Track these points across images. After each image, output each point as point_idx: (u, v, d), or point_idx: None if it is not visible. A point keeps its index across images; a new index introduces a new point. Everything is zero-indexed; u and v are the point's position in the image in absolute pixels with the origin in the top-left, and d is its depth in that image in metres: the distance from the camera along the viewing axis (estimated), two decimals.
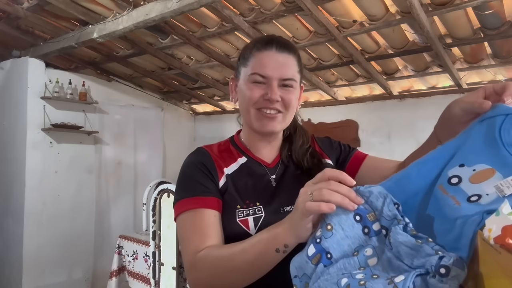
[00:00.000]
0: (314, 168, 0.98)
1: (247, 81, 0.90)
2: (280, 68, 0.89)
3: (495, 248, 0.42)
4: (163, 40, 3.19)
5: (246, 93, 0.90)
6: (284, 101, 0.90)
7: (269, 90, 0.88)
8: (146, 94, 4.44)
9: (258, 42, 0.92)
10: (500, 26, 2.26)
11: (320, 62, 3.16)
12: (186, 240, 0.84)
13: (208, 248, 0.79)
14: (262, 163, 0.97)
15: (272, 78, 0.88)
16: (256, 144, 0.98)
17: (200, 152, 0.95)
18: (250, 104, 0.90)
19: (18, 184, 3.56)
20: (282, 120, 0.92)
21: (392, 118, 3.39)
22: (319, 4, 2.31)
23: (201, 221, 0.83)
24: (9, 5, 2.89)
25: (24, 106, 3.54)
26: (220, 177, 0.91)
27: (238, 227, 0.85)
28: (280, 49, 0.90)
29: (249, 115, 0.91)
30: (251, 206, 0.88)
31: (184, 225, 0.85)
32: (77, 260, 3.80)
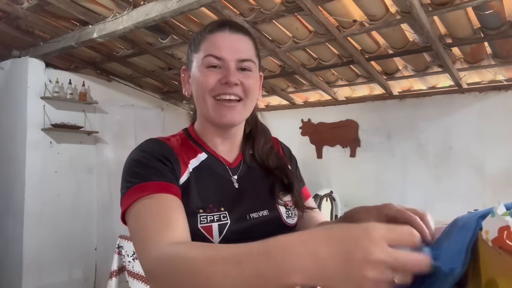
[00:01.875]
0: (279, 169, 0.90)
1: (201, 66, 0.80)
2: (236, 49, 0.80)
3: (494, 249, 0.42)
4: (163, 40, 3.19)
5: (200, 79, 0.79)
6: (244, 85, 0.80)
7: (226, 72, 0.78)
8: (146, 94, 4.44)
9: (210, 25, 0.83)
10: (500, 26, 2.25)
11: (320, 62, 3.15)
12: (141, 234, 0.63)
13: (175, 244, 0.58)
14: (223, 161, 0.86)
15: (228, 60, 0.79)
16: (213, 138, 0.86)
17: (157, 142, 0.80)
18: (206, 91, 0.79)
19: (18, 184, 3.56)
20: (243, 109, 0.82)
21: (392, 118, 3.39)
22: (319, 4, 2.31)
23: (159, 207, 0.66)
24: (9, 5, 2.89)
25: (24, 106, 3.54)
26: (183, 172, 0.77)
27: (200, 234, 0.73)
28: (234, 30, 0.82)
29: (206, 105, 0.80)
30: (215, 211, 0.77)
31: (137, 216, 0.66)
32: (77, 260, 3.80)
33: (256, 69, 0.84)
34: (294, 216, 0.88)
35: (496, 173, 2.84)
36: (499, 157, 2.83)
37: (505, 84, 2.82)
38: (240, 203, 0.81)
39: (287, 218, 0.86)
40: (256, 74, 0.85)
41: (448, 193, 3.04)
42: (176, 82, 4.22)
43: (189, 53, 0.86)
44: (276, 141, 0.99)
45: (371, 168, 3.48)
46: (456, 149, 3.04)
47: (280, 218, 0.85)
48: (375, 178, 3.45)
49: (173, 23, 2.90)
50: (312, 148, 3.79)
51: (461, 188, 2.98)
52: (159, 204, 0.66)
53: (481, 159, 2.90)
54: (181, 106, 4.82)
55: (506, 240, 0.39)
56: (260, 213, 0.83)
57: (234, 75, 0.78)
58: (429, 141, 3.17)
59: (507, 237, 0.39)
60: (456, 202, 2.93)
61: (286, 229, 0.86)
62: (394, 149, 3.36)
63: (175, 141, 0.84)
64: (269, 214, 0.84)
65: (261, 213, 0.83)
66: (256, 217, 0.81)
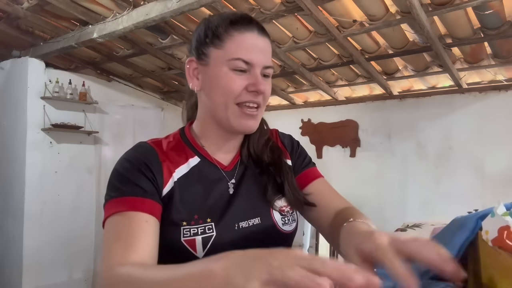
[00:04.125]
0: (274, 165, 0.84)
1: (225, 67, 0.73)
2: (263, 55, 0.75)
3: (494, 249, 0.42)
4: (163, 40, 3.19)
5: (224, 83, 0.73)
6: (265, 93, 0.76)
7: (254, 80, 0.73)
8: (146, 94, 4.44)
9: (236, 20, 0.75)
10: (500, 26, 2.25)
11: (320, 62, 3.15)
12: (106, 250, 0.66)
13: (129, 266, 0.60)
14: (218, 165, 0.81)
15: (256, 66, 0.74)
16: (218, 142, 0.82)
17: (144, 149, 0.77)
18: (231, 97, 0.74)
19: (18, 184, 3.56)
20: (260, 116, 0.79)
21: (392, 118, 3.39)
22: (319, 4, 2.31)
23: (127, 227, 0.66)
24: (9, 5, 2.89)
25: (24, 106, 3.54)
26: (166, 183, 0.74)
27: (183, 248, 0.70)
28: (261, 33, 0.76)
29: (226, 111, 0.75)
30: (200, 223, 0.72)
31: (109, 230, 0.68)
32: (77, 260, 3.80)
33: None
34: (292, 222, 0.82)
35: (496, 173, 2.85)
36: (499, 157, 2.83)
37: (505, 84, 2.82)
38: (229, 211, 0.76)
39: (283, 225, 0.80)
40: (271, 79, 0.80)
41: (448, 193, 3.05)
42: (176, 82, 4.22)
43: (202, 43, 0.78)
44: (274, 132, 0.94)
45: (371, 168, 3.48)
46: (456, 149, 3.04)
47: (275, 226, 0.79)
48: (375, 178, 3.45)
49: (173, 23, 2.90)
50: (312, 148, 3.79)
51: (461, 188, 2.98)
52: (128, 224, 0.67)
53: (481, 159, 2.90)
54: (181, 106, 4.82)
55: (506, 240, 0.39)
56: (250, 222, 0.77)
57: (262, 83, 0.74)
58: (429, 141, 3.18)
59: (507, 237, 0.39)
60: (456, 202, 2.93)
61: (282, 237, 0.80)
62: (394, 149, 3.36)
63: (166, 144, 0.80)
64: (261, 222, 0.78)
65: (252, 221, 0.77)
66: (245, 226, 0.76)
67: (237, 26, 0.74)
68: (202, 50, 0.77)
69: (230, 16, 0.76)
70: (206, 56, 0.76)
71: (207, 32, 0.77)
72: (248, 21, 0.76)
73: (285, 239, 0.81)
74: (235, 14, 0.77)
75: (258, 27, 0.76)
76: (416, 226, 2.07)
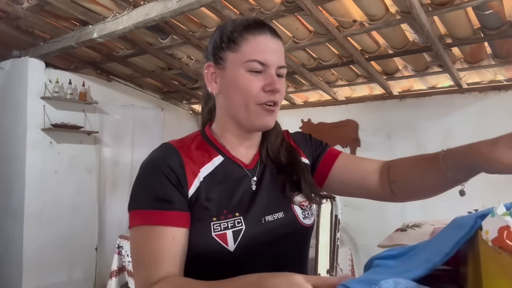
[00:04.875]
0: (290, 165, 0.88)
1: (241, 69, 0.78)
2: (277, 55, 0.80)
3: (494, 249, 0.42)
4: (163, 40, 3.19)
5: (242, 84, 0.78)
6: (281, 92, 0.81)
7: (270, 79, 0.78)
8: (146, 94, 4.44)
9: (249, 24, 0.80)
10: (500, 26, 2.25)
11: (320, 62, 3.15)
12: (137, 264, 0.73)
13: (162, 282, 0.67)
14: (240, 164, 0.84)
15: (271, 66, 0.78)
16: (237, 142, 0.85)
17: (168, 151, 0.80)
18: (250, 98, 0.78)
19: (18, 184, 3.56)
20: (276, 113, 0.84)
21: (392, 118, 3.39)
22: (319, 4, 2.31)
23: (156, 243, 0.71)
24: (9, 5, 2.89)
25: (24, 106, 3.54)
26: (190, 184, 0.77)
27: (214, 243, 0.73)
28: (274, 35, 0.81)
29: (247, 111, 0.79)
30: (230, 217, 0.76)
31: (137, 243, 0.74)
32: (77, 260, 3.80)
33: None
34: (311, 216, 0.87)
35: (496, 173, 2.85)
36: None
37: (505, 84, 2.82)
38: (255, 206, 0.80)
39: (303, 219, 0.84)
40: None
41: (448, 193, 3.03)
42: (176, 82, 4.22)
43: (218, 48, 0.82)
44: (286, 133, 0.98)
45: None
46: None
47: (296, 219, 0.83)
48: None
49: (173, 23, 2.90)
50: None
51: (461, 188, 2.98)
52: (155, 240, 0.71)
53: None
54: (181, 106, 4.82)
55: (506, 240, 0.39)
56: (275, 216, 0.81)
57: (278, 82, 0.78)
58: (429, 141, 3.17)
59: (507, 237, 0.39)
60: (455, 202, 2.92)
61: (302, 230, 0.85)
62: (394, 149, 3.36)
63: (189, 145, 0.83)
64: (285, 216, 0.82)
65: (276, 215, 0.81)
66: (271, 220, 0.80)
67: (251, 30, 0.79)
68: (219, 54, 0.81)
69: (243, 22, 0.82)
70: (223, 60, 0.81)
71: (222, 38, 0.81)
72: (261, 25, 0.81)
73: (305, 232, 0.86)
74: (248, 19, 0.83)
75: (270, 29, 0.81)
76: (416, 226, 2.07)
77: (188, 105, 4.87)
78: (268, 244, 0.78)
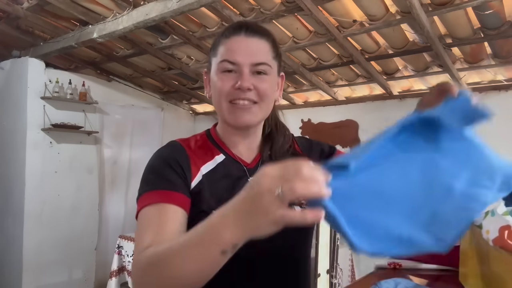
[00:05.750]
0: None
1: (217, 71, 0.82)
2: (250, 53, 0.80)
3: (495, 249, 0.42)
4: (163, 40, 3.19)
5: (217, 84, 0.82)
6: (258, 90, 0.80)
7: (239, 78, 0.79)
8: (146, 94, 4.44)
9: (227, 29, 0.85)
10: (500, 26, 2.25)
11: (320, 62, 3.15)
12: (137, 238, 0.72)
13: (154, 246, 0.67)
14: (241, 162, 0.88)
15: (242, 64, 0.80)
16: (232, 139, 0.88)
17: (174, 147, 0.85)
18: (222, 96, 0.81)
19: (18, 184, 3.56)
20: (259, 111, 0.83)
21: (392, 118, 3.30)
22: (319, 4, 2.30)
23: (159, 216, 0.72)
24: (9, 5, 2.89)
25: (24, 106, 3.54)
26: (194, 177, 0.81)
27: None
28: (250, 34, 0.82)
29: (222, 109, 0.83)
30: None
31: (140, 221, 0.75)
32: (77, 260, 3.80)
33: (274, 72, 0.84)
34: None
35: None
36: None
37: (505, 84, 2.82)
38: None
39: None
40: (273, 77, 0.85)
41: None
42: (176, 82, 4.21)
43: (210, 56, 0.89)
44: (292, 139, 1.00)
45: None
46: None
47: None
48: None
49: (173, 23, 2.90)
50: None
51: None
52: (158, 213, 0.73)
53: None
54: (181, 106, 4.82)
55: (507, 239, 0.39)
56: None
57: (247, 80, 0.79)
58: None
59: (508, 237, 0.39)
60: None
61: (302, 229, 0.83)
62: None
63: (194, 143, 0.88)
64: None
65: None
66: None
67: (226, 34, 0.83)
68: (210, 61, 0.88)
69: (226, 27, 0.87)
70: (210, 65, 0.87)
71: (211, 46, 0.88)
72: (236, 27, 0.83)
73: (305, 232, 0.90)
74: (230, 24, 0.88)
75: (247, 29, 0.83)
76: None
77: (188, 105, 4.87)
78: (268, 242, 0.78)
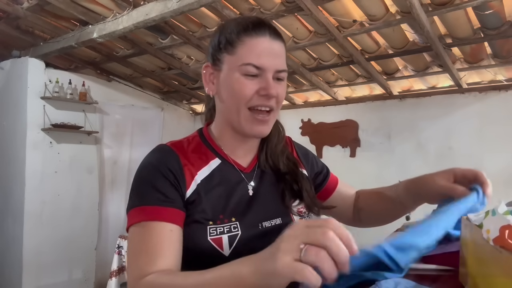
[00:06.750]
0: (290, 174, 0.86)
1: (236, 72, 0.75)
2: (275, 59, 0.76)
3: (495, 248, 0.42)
4: (163, 40, 3.19)
5: (236, 88, 0.75)
6: (278, 97, 0.77)
7: (265, 84, 0.74)
8: (146, 94, 4.44)
9: (247, 25, 0.76)
10: (500, 26, 2.25)
11: (320, 62, 3.15)
12: (131, 260, 0.69)
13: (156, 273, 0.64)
14: (237, 167, 0.83)
15: (268, 70, 0.74)
16: (234, 145, 0.83)
17: (166, 152, 0.78)
18: (242, 102, 0.75)
19: (18, 184, 3.56)
20: (272, 120, 0.80)
21: (392, 118, 3.39)
22: (319, 4, 2.30)
23: (151, 238, 0.68)
24: (9, 5, 2.89)
25: (24, 106, 3.53)
26: (189, 185, 0.75)
27: (210, 247, 0.72)
28: (274, 36, 0.77)
29: (239, 116, 0.77)
30: (226, 222, 0.75)
31: (133, 240, 0.71)
32: (77, 260, 3.80)
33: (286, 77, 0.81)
34: None
35: (496, 173, 2.84)
36: (499, 157, 2.83)
37: (505, 84, 2.82)
38: (251, 210, 0.79)
39: None
40: (286, 82, 0.81)
41: None
42: (176, 82, 4.21)
43: (216, 49, 0.79)
44: (289, 141, 0.96)
45: (371, 168, 3.47)
46: (456, 149, 3.04)
47: None
48: (375, 178, 3.44)
49: (173, 23, 2.90)
50: (312, 148, 3.76)
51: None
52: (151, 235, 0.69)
53: (481, 159, 2.90)
54: (181, 106, 4.82)
55: (508, 239, 0.39)
56: (273, 222, 0.80)
57: (274, 87, 0.75)
58: (429, 141, 3.17)
59: (508, 236, 0.39)
60: None
61: None
62: (394, 149, 3.36)
63: (187, 146, 0.81)
64: (282, 222, 0.81)
65: (274, 221, 0.81)
66: (268, 226, 0.79)
67: (248, 32, 0.76)
68: (217, 56, 0.79)
69: (242, 22, 0.78)
70: (220, 62, 0.78)
71: (220, 39, 0.79)
72: (260, 26, 0.76)
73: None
74: (248, 19, 0.78)
75: (270, 31, 0.77)
76: None
77: (188, 105, 4.87)
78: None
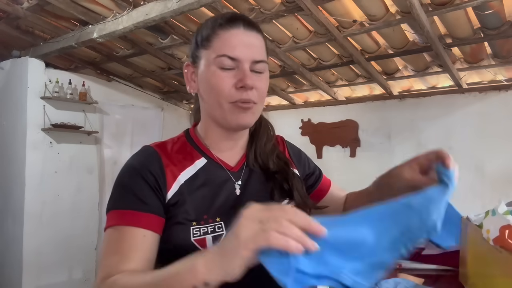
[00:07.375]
0: (280, 173, 0.84)
1: (212, 66, 0.74)
2: (250, 49, 0.74)
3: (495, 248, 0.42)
4: (163, 40, 3.19)
5: (213, 82, 0.74)
6: (258, 89, 0.75)
7: (241, 75, 0.73)
8: (146, 94, 4.44)
9: (221, 19, 0.76)
10: (500, 26, 2.25)
11: (320, 62, 3.15)
12: (101, 261, 0.69)
13: (120, 274, 0.64)
14: (224, 165, 0.81)
15: (243, 61, 0.73)
16: (220, 142, 0.82)
17: (147, 154, 0.77)
18: (222, 96, 0.74)
19: (18, 184, 3.56)
20: (256, 111, 0.78)
21: (392, 118, 3.39)
22: (319, 4, 2.30)
23: (124, 242, 0.68)
24: (9, 5, 2.89)
25: (24, 106, 3.53)
26: (169, 187, 0.74)
27: (193, 248, 0.71)
28: (248, 27, 0.76)
29: (222, 110, 0.75)
30: (210, 222, 0.73)
31: (106, 242, 0.70)
32: (77, 260, 3.80)
33: (267, 70, 0.80)
34: None
35: (496, 173, 2.84)
36: (499, 157, 2.83)
37: (505, 84, 2.82)
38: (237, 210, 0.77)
39: None
40: (267, 75, 0.80)
41: None
42: (176, 82, 4.21)
43: (195, 47, 0.80)
44: (280, 140, 0.95)
45: (371, 168, 3.47)
46: (456, 149, 3.03)
47: None
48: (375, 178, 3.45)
49: (173, 23, 2.90)
50: (312, 148, 3.79)
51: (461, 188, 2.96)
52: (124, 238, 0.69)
53: (481, 159, 2.90)
54: (181, 106, 4.82)
55: (508, 239, 0.39)
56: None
57: (250, 77, 0.73)
58: (429, 141, 3.17)
59: (508, 236, 0.39)
60: (456, 202, 2.93)
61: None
62: (394, 149, 3.36)
63: (171, 147, 0.80)
64: None
65: None
66: None
67: (223, 25, 0.76)
68: (196, 53, 0.79)
69: (218, 17, 0.78)
70: (199, 58, 0.78)
71: (197, 36, 0.79)
72: (233, 19, 0.76)
73: None
74: (223, 14, 0.79)
75: (244, 22, 0.76)
76: None
77: (188, 105, 4.87)
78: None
